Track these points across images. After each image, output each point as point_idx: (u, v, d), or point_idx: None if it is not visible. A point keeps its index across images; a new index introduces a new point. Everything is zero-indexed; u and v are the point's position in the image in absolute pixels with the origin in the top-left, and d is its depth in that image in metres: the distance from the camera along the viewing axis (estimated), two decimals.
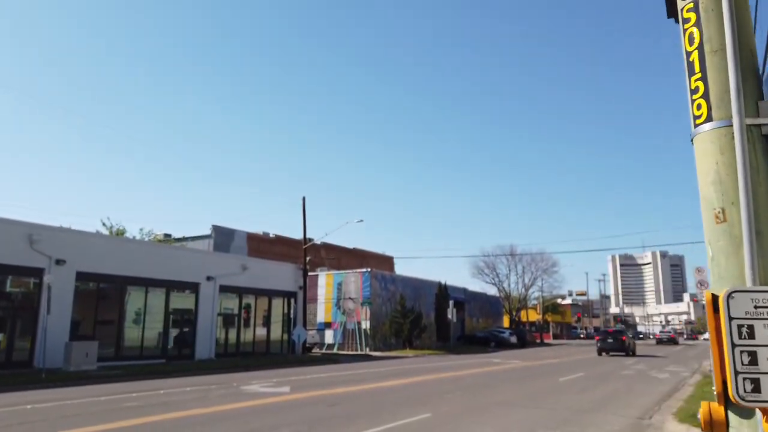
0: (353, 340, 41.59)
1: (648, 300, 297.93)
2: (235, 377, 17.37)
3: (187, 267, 28.62)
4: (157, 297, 27.52)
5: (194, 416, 9.06)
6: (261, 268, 33.74)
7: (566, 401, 11.39)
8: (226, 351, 30.32)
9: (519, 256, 67.75)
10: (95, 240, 25.32)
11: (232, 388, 13.50)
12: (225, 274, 30.34)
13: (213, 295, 29.72)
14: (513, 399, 11.64)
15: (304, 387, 13.77)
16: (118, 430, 7.84)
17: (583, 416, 9.43)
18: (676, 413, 9.05)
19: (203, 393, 12.37)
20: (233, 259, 32.82)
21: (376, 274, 43.88)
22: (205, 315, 29.09)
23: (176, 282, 28.13)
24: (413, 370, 20.42)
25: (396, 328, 41.38)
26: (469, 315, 57.89)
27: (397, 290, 44.97)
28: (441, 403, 10.82)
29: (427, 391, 12.90)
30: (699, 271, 15.07)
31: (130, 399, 11.45)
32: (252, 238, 55.37)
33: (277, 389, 13.14)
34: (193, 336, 28.47)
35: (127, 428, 7.97)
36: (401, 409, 9.92)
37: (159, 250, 28.94)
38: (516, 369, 21.68)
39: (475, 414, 9.47)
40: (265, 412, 9.47)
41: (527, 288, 68.79)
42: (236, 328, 31.75)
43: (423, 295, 48.83)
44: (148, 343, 26.72)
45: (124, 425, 8.18)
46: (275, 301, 34.70)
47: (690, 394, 11.50)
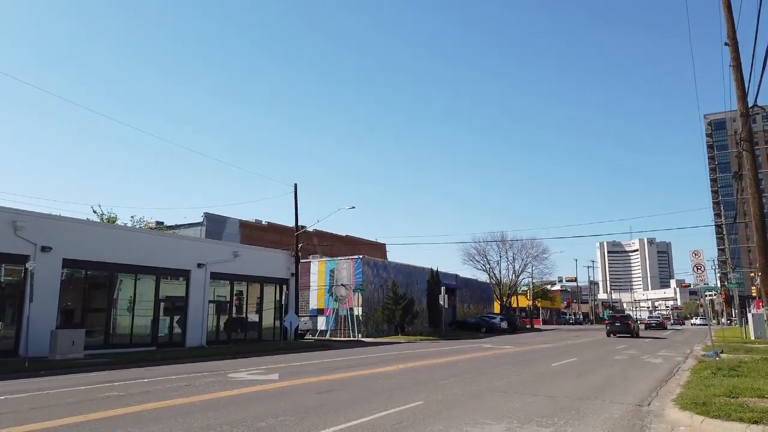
0: (345, 326, 41.51)
1: (635, 286, 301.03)
2: (225, 364, 17.10)
3: (178, 254, 28.27)
4: (147, 284, 27.19)
5: (175, 407, 8.76)
6: (253, 255, 33.45)
7: (562, 387, 11.23)
8: (218, 338, 30.12)
9: (510, 242, 67.86)
10: (83, 227, 24.85)
11: (220, 376, 13.21)
12: (216, 261, 30.03)
13: (204, 282, 29.43)
14: (508, 386, 11.45)
15: (294, 374, 13.51)
16: (87, 424, 7.47)
17: (581, 403, 9.25)
18: (676, 400, 8.86)
19: (189, 381, 12.08)
20: (224, 246, 32.48)
21: (368, 261, 43.72)
22: (196, 302, 28.81)
23: (167, 269, 27.81)
24: (405, 356, 20.26)
25: (388, 315, 41.34)
26: (461, 301, 58.01)
27: (389, 277, 44.89)
28: (434, 390, 10.61)
29: (419, 378, 12.70)
30: (696, 254, 14.93)
31: (112, 388, 11.13)
32: (244, 226, 55.00)
33: (266, 377, 12.87)
34: (184, 323, 28.21)
35: (98, 421, 7.61)
36: (393, 397, 9.70)
37: (149, 237, 28.52)
38: (508, 354, 21.59)
39: (470, 402, 9.27)
40: (251, 402, 9.20)
41: (518, 274, 69.04)
42: (228, 316, 31.52)
43: (415, 281, 48.82)
44: (138, 331, 26.43)
45: (97, 417, 7.83)
46: (267, 288, 34.49)
47: (687, 380, 11.34)
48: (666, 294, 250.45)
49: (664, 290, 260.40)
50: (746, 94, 16.32)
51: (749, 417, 7.18)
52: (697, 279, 14.88)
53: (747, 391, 9.20)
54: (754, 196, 16.15)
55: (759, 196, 16.07)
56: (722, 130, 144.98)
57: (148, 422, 7.53)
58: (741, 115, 16.21)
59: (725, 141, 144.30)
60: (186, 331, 28.17)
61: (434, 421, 7.58)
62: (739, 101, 16.28)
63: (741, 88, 16.43)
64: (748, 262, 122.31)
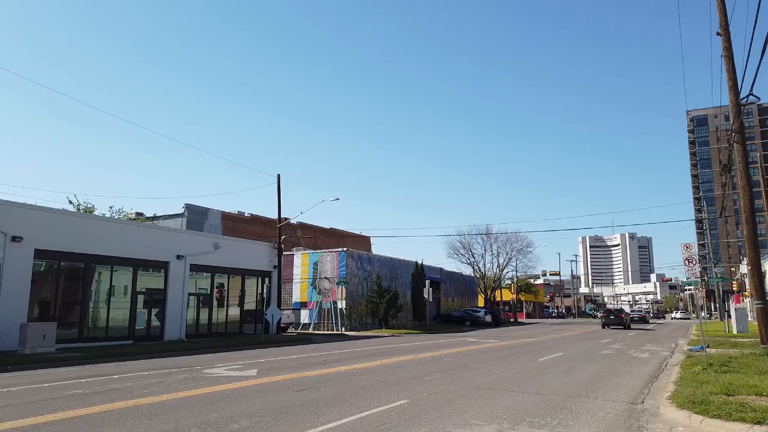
0: (329, 319, 41.02)
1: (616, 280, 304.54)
2: (202, 359, 16.49)
3: (156, 245, 27.50)
4: (123, 276, 26.43)
5: (142, 406, 8.16)
6: (234, 247, 32.75)
7: (552, 384, 10.83)
8: (197, 331, 29.45)
9: (494, 236, 67.73)
10: (57, 216, 23.95)
11: (195, 371, 12.60)
12: (196, 253, 29.31)
13: (183, 274, 28.72)
14: (495, 382, 11.02)
15: (273, 370, 12.95)
16: (43, 427, 6.83)
17: (573, 401, 8.84)
18: (672, 398, 8.47)
19: (161, 378, 11.45)
20: (205, 238, 31.73)
21: (352, 254, 43.21)
22: (175, 295, 28.10)
23: (145, 260, 27.06)
24: (389, 351, 19.80)
25: (372, 308, 40.91)
26: (445, 295, 57.81)
27: (373, 270, 44.43)
28: (419, 387, 10.13)
29: (403, 374, 12.22)
30: (687, 247, 14.65)
31: (78, 385, 10.48)
32: (227, 217, 54.09)
33: (244, 373, 12.29)
34: (163, 316, 27.51)
35: (55, 423, 6.97)
36: (376, 395, 9.20)
37: (126, 227, 27.66)
38: (494, 349, 21.25)
39: (457, 400, 8.81)
40: (225, 401, 8.62)
41: (502, 268, 68.91)
42: (208, 308, 30.84)
43: (399, 274, 48.44)
44: (115, 324, 25.71)
45: (54, 419, 7.19)
46: (249, 281, 33.85)
47: (679, 376, 11.00)
48: (646, 288, 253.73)
49: (644, 284, 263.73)
50: (738, 85, 16.05)
51: (751, 417, 6.81)
52: (688, 272, 14.61)
53: (744, 388, 8.86)
54: (745, 189, 15.92)
55: (750, 189, 15.84)
56: (704, 126, 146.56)
57: (110, 425, 6.94)
58: (733, 105, 15.93)
59: (707, 137, 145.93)
60: (164, 325, 27.47)
61: (420, 422, 7.10)
62: (731, 91, 16.00)
63: (733, 78, 16.16)
64: (728, 257, 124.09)
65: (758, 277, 15.31)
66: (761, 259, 16.76)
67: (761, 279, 15.45)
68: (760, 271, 15.37)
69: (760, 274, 15.45)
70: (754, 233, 15.48)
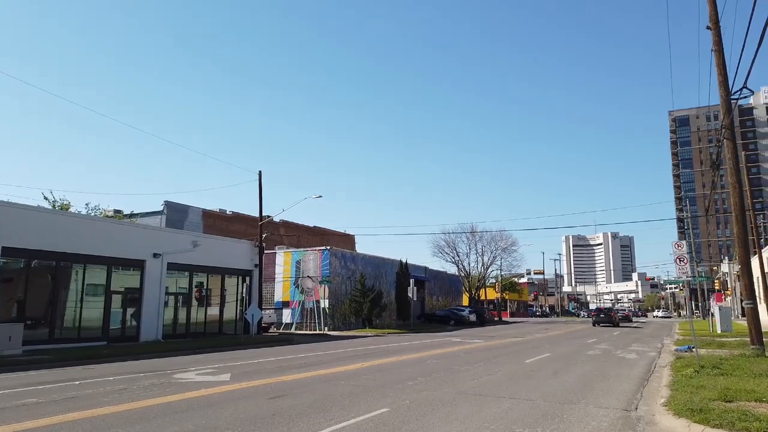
0: (312, 319, 40.32)
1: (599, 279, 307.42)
2: (175, 362, 15.74)
3: (132, 243, 26.61)
4: (97, 275, 25.52)
5: (97, 417, 7.44)
6: (214, 245, 31.94)
7: (540, 389, 10.32)
8: (175, 332, 28.62)
9: (479, 234, 67.48)
10: (26, 213, 22.95)
11: (165, 376, 11.86)
12: (174, 251, 28.45)
13: (160, 273, 27.86)
14: (482, 387, 10.48)
15: (248, 374, 12.28)
16: None
17: (563, 409, 8.32)
18: (668, 404, 7.98)
19: (127, 384, 10.72)
20: (183, 236, 30.86)
21: (335, 252, 42.54)
22: (152, 294, 27.25)
23: (119, 259, 26.19)
24: (371, 352, 19.21)
25: (356, 307, 40.28)
26: (430, 294, 57.40)
27: (357, 269, 43.83)
28: (401, 393, 9.54)
29: (385, 379, 11.63)
30: (678, 245, 14.26)
31: (34, 393, 9.72)
32: (208, 215, 53.02)
33: (216, 377, 11.59)
34: (139, 317, 26.65)
35: None
36: (355, 402, 8.60)
37: (100, 224, 26.73)
38: (478, 349, 20.77)
39: (442, 408, 8.24)
40: (191, 410, 7.95)
41: (486, 267, 68.73)
42: (186, 308, 30.00)
43: (384, 273, 47.90)
44: (88, 325, 24.81)
45: None
46: (229, 280, 33.06)
47: (671, 380, 10.55)
48: (628, 287, 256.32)
49: (626, 283, 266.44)
50: (728, 80, 15.71)
51: (756, 427, 6.34)
52: (679, 271, 14.20)
53: (742, 393, 8.42)
54: (735, 186, 15.58)
55: (740, 186, 15.50)
56: (686, 127, 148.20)
57: None
58: (723, 101, 15.58)
59: (689, 137, 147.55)
60: (140, 325, 26.63)
61: None
62: (721, 86, 15.65)
63: (723, 73, 15.81)
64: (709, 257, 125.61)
65: (748, 277, 14.98)
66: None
67: (751, 278, 15.13)
68: (750, 271, 15.04)
69: (750, 273, 15.13)
70: (744, 232, 15.15)
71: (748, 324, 15.36)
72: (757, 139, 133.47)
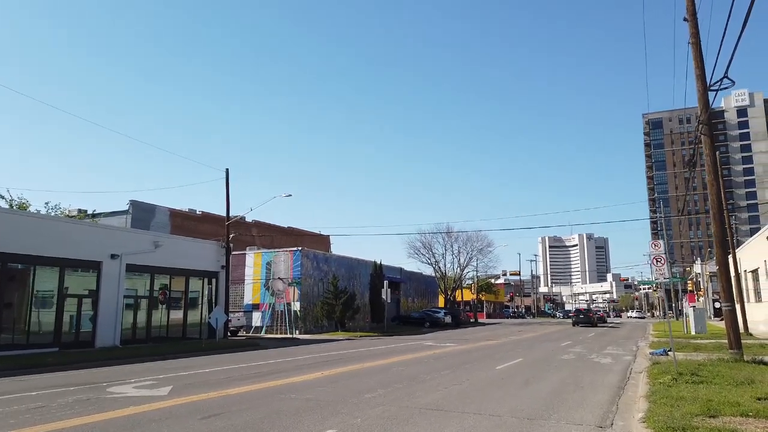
0: (282, 322, 39.13)
1: (575, 280, 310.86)
2: (119, 372, 14.52)
3: (88, 243, 25.18)
4: (48, 277, 24.06)
5: None
6: (177, 246, 30.60)
7: (509, 401, 9.45)
8: (135, 337, 27.24)
9: (455, 235, 66.83)
10: None
11: (97, 390, 10.68)
12: (133, 252, 27.06)
13: (118, 275, 26.47)
14: (446, 400, 9.57)
15: (192, 386, 11.17)
16: None
17: (533, 426, 7.43)
18: (646, 420, 7.15)
19: (49, 400, 9.53)
20: (144, 236, 29.43)
21: (307, 253, 41.40)
22: (109, 297, 25.83)
23: (74, 260, 24.76)
24: (336, 359, 18.20)
25: (328, 310, 39.19)
26: (405, 295, 56.55)
27: (330, 270, 42.76)
28: (354, 409, 8.56)
29: (341, 391, 10.65)
30: (655, 245, 13.58)
31: None
32: (176, 215, 51.35)
33: (153, 391, 10.46)
34: (95, 321, 25.23)
35: None
36: (300, 422, 7.60)
37: (51, 224, 25.19)
38: (450, 354, 19.92)
39: (395, 428, 7.29)
40: None
41: (462, 268, 68.11)
42: (147, 312, 28.60)
43: (358, 275, 46.91)
44: (39, 330, 23.36)
45: None
46: (194, 282, 31.73)
47: (649, 389, 9.77)
48: (603, 287, 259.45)
49: (601, 284, 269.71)
50: (705, 73, 15.12)
51: None
52: (656, 272, 13.51)
53: (726, 407, 7.66)
54: (713, 184, 14.98)
55: (718, 184, 14.90)
56: (659, 129, 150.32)
57: None
58: (700, 95, 14.98)
59: (662, 140, 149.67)
60: (96, 330, 25.22)
61: None
62: (698, 80, 15.05)
63: (700, 66, 15.21)
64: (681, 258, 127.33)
65: (726, 279, 14.38)
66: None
67: (729, 279, 14.54)
68: (728, 272, 14.45)
69: (728, 274, 14.54)
70: (722, 230, 14.56)
71: (726, 327, 14.78)
72: (728, 142, 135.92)
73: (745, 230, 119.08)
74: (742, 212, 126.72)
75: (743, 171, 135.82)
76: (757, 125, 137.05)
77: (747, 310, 32.04)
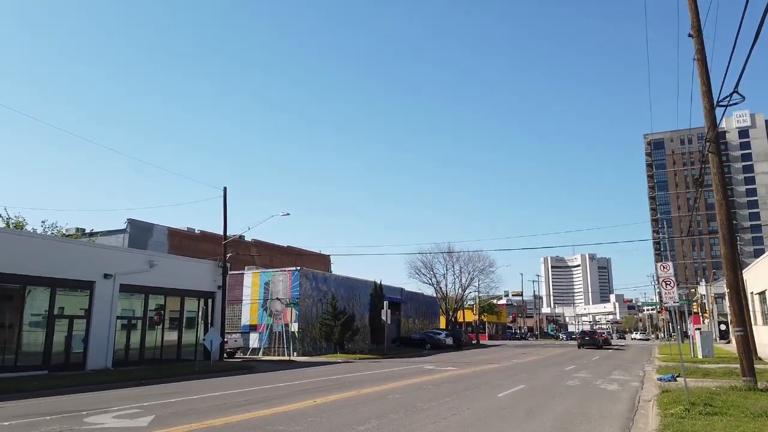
0: (280, 344, 38.34)
1: (577, 300, 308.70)
2: (103, 398, 13.89)
3: (80, 263, 24.67)
4: (39, 297, 23.48)
5: None
6: (173, 266, 30.05)
7: None
8: (128, 358, 26.56)
9: (456, 255, 66.13)
10: None
11: (73, 420, 10.06)
12: (128, 272, 26.53)
13: (111, 295, 25.89)
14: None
15: (175, 416, 10.54)
16: None
17: None
18: None
19: (20, 430, 8.95)
20: (138, 255, 28.90)
21: (306, 273, 40.77)
22: (101, 318, 25.23)
23: (65, 280, 24.21)
24: (332, 384, 17.53)
25: (326, 331, 38.43)
26: (406, 316, 55.72)
27: (329, 290, 42.08)
28: None
29: (333, 422, 10.02)
30: (664, 267, 13.03)
31: None
32: (174, 234, 50.88)
33: (133, 422, 9.83)
34: (86, 343, 24.59)
35: None
36: None
37: (42, 243, 24.69)
38: (450, 379, 19.22)
39: None
40: None
41: (464, 288, 67.28)
42: (141, 333, 27.93)
43: (357, 295, 46.21)
44: (28, 351, 22.74)
45: None
46: (190, 302, 31.11)
47: (661, 422, 9.13)
48: (606, 308, 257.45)
49: (604, 305, 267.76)
50: (711, 90, 14.71)
51: None
52: (666, 296, 12.92)
53: None
54: (721, 203, 14.46)
55: (727, 203, 14.38)
56: (661, 150, 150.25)
57: None
58: (707, 112, 14.55)
59: (664, 160, 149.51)
60: (88, 352, 24.58)
61: None
62: (704, 97, 14.63)
63: (706, 83, 14.81)
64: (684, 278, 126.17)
65: (737, 303, 13.79)
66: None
67: (740, 303, 13.94)
68: (739, 295, 13.87)
69: (740, 297, 13.95)
70: (732, 252, 14.01)
71: (738, 353, 14.14)
72: (730, 162, 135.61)
73: (749, 251, 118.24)
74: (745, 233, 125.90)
75: (746, 192, 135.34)
76: (758, 146, 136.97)
77: (754, 332, 31.29)
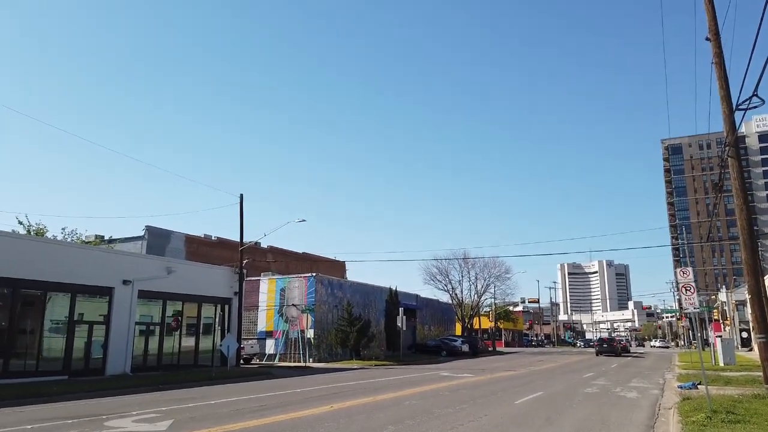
0: (296, 350, 38.46)
1: (594, 307, 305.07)
2: (122, 403, 14.06)
3: (99, 269, 25.03)
4: (60, 303, 23.86)
5: None
6: (190, 272, 30.35)
7: None
8: (146, 364, 26.84)
9: (472, 261, 65.81)
10: None
11: (94, 424, 10.20)
12: (146, 278, 26.85)
13: (130, 301, 26.22)
14: None
15: (192, 421, 10.64)
16: None
17: None
18: None
19: None
20: (156, 261, 29.26)
21: (322, 279, 40.88)
22: (120, 324, 25.54)
23: (85, 286, 24.56)
24: (347, 390, 17.55)
25: (342, 337, 38.49)
26: (421, 322, 55.58)
27: (344, 296, 42.15)
28: None
29: (350, 427, 10.02)
30: (684, 273, 12.88)
31: None
32: (191, 241, 51.51)
33: (152, 426, 9.93)
34: (105, 348, 24.91)
35: None
36: None
37: (64, 250, 25.13)
38: (467, 386, 19.12)
39: None
40: None
41: (480, 294, 66.90)
42: (159, 339, 28.24)
43: (373, 301, 46.22)
44: (48, 357, 23.08)
45: None
46: (207, 308, 31.39)
47: (684, 431, 9.04)
48: (624, 315, 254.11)
49: (622, 312, 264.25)
50: (730, 94, 14.55)
51: None
52: (686, 302, 12.76)
53: None
54: (742, 209, 14.27)
55: (747, 209, 14.18)
56: (679, 155, 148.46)
57: None
58: (726, 116, 14.39)
59: (682, 165, 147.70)
60: (107, 357, 24.88)
61: None
62: (723, 101, 14.47)
63: (725, 86, 14.65)
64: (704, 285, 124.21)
65: (759, 308, 13.57)
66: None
67: (763, 309, 13.71)
68: (761, 302, 13.64)
69: (762, 304, 13.73)
70: (754, 258, 13.80)
71: (761, 360, 13.90)
72: (750, 167, 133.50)
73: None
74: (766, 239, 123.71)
75: (766, 197, 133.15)
76: None
77: None
